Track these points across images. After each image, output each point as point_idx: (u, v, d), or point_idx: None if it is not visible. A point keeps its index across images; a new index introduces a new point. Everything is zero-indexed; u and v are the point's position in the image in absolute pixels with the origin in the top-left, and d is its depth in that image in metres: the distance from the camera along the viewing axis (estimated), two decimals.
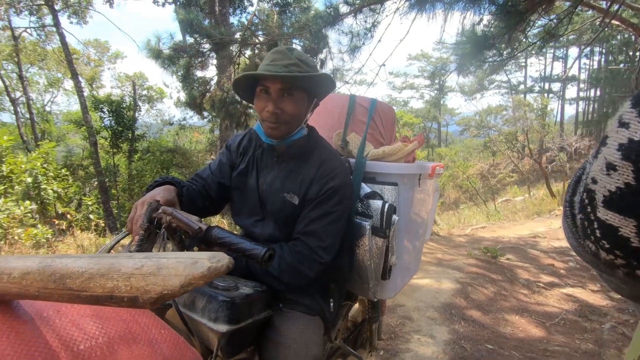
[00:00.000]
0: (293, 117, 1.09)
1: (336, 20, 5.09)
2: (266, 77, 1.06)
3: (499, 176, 22.10)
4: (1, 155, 5.80)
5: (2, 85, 14.50)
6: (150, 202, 0.87)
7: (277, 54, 1.08)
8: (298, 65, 1.05)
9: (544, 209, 11.41)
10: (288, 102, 1.07)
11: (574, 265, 4.95)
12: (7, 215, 4.90)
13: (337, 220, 1.11)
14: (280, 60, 1.06)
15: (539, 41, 4.22)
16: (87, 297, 0.36)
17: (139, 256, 0.36)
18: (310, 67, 1.08)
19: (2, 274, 0.40)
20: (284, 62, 1.05)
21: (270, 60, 1.07)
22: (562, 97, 27.11)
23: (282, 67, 1.04)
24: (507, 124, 18.23)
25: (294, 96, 1.08)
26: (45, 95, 19.74)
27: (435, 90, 33.82)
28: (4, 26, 12.51)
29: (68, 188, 7.84)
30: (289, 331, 1.10)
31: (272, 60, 1.07)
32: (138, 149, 11.20)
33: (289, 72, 1.04)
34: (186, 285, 0.33)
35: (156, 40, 5.92)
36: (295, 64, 1.05)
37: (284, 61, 1.05)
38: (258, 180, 1.20)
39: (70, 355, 0.43)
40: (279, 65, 1.05)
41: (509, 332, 2.91)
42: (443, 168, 1.71)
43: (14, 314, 0.44)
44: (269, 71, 1.04)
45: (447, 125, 36.45)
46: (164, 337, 0.54)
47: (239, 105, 6.96)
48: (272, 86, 1.07)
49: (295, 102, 1.09)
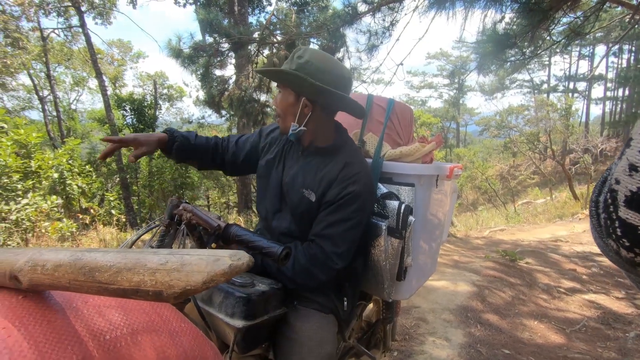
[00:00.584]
0: (280, 111, 1.17)
1: (354, 19, 5.08)
2: None
3: (519, 178, 21.56)
4: (30, 152, 6.05)
5: (32, 84, 15.09)
6: (172, 199, 0.89)
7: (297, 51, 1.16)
8: (287, 63, 1.13)
9: (567, 212, 11.07)
10: (278, 97, 1.18)
11: (597, 270, 4.79)
12: (35, 209, 5.11)
13: (355, 227, 1.11)
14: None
15: (563, 39, 4.09)
16: (115, 290, 0.38)
17: (163, 252, 0.38)
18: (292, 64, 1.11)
19: (36, 266, 0.43)
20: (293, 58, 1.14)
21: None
22: (587, 97, 26.18)
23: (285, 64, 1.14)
24: (528, 124, 17.75)
25: (281, 94, 1.16)
26: (71, 93, 20.45)
27: (454, 90, 33.25)
28: (34, 27, 13.01)
29: (91, 184, 8.10)
30: (304, 328, 1.11)
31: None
32: None
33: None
34: (208, 282, 0.34)
35: (177, 40, 6.04)
36: (288, 60, 1.14)
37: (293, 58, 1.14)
38: (283, 173, 1.23)
39: (97, 344, 0.45)
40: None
41: (526, 338, 2.85)
42: (461, 169, 1.68)
43: (45, 304, 0.47)
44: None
45: (466, 125, 35.79)
46: (184, 330, 0.56)
47: (256, 103, 7.03)
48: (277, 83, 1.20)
49: (281, 98, 1.17)
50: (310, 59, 1.10)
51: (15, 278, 0.44)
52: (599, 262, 5.09)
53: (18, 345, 0.40)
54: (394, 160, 1.38)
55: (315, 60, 1.10)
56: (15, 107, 15.76)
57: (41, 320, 0.44)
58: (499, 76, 17.74)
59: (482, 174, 17.10)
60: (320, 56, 1.12)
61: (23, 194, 5.41)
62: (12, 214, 4.85)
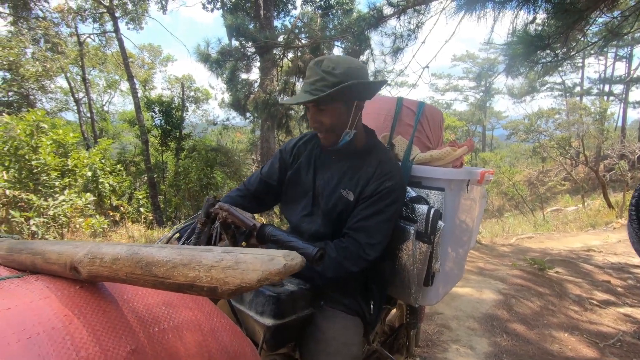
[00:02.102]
0: (334, 126, 1.16)
1: (379, 22, 5.06)
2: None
3: (548, 184, 20.74)
4: (67, 151, 6.38)
5: (68, 87, 15.88)
6: (208, 198, 0.93)
7: (309, 70, 1.16)
8: (324, 80, 1.10)
9: (600, 221, 10.55)
10: (324, 115, 1.15)
11: (634, 283, 4.54)
12: (70, 205, 5.37)
13: (389, 220, 1.14)
14: (309, 78, 1.13)
15: (600, 40, 3.93)
16: (170, 284, 0.40)
17: (217, 250, 0.40)
18: (335, 77, 1.09)
19: (95, 258, 0.46)
20: (312, 79, 1.12)
21: (305, 78, 1.16)
22: (624, 100, 24.88)
23: (310, 85, 1.11)
24: (559, 128, 17.07)
25: (328, 110, 1.14)
26: (104, 96, 21.38)
27: (480, 92, 32.45)
28: (71, 33, 13.72)
29: (122, 182, 8.44)
30: (330, 329, 1.12)
31: (306, 78, 1.16)
32: (184, 147, 11.80)
33: (316, 90, 1.10)
34: (263, 280, 0.36)
35: (205, 45, 6.22)
36: (320, 79, 1.10)
37: (311, 78, 1.12)
38: (315, 177, 1.26)
39: (147, 335, 0.48)
40: (307, 83, 1.13)
41: (556, 350, 2.74)
42: (492, 174, 1.65)
43: (100, 294, 0.50)
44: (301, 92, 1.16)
45: (493, 129, 34.83)
46: (225, 327, 0.58)
47: (280, 107, 7.12)
48: (308, 104, 1.16)
49: (330, 114, 1.15)
50: (343, 64, 1.12)
51: (75, 269, 0.48)
52: (636, 274, 4.82)
53: (79, 332, 0.43)
54: (423, 163, 1.38)
55: (346, 64, 1.12)
56: (53, 109, 16.60)
57: (97, 310, 0.47)
58: (528, 79, 17.16)
59: (509, 179, 16.56)
60: (343, 58, 1.15)
61: (60, 190, 5.71)
62: (50, 210, 5.11)
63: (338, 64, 1.11)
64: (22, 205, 5.07)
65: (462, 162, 1.43)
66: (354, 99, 1.17)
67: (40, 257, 0.55)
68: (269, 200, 1.39)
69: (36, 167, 5.55)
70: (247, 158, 15.05)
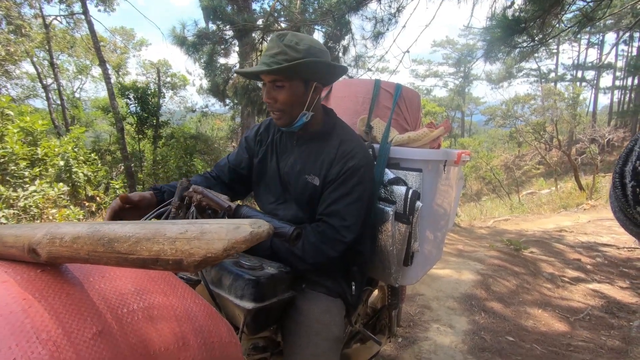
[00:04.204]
0: (288, 105, 1.11)
1: (360, 5, 5.00)
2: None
3: (524, 168, 21.42)
4: (36, 139, 6.08)
5: (35, 72, 15.08)
6: (182, 181, 0.90)
7: (270, 42, 1.11)
8: (284, 53, 1.05)
9: (572, 203, 11.00)
10: (279, 91, 1.10)
11: (602, 260, 4.78)
12: (42, 196, 5.16)
13: (358, 200, 1.12)
14: (270, 50, 1.08)
15: (574, 26, 4.01)
16: (134, 260, 0.38)
17: (182, 222, 0.38)
18: (298, 52, 1.05)
19: (54, 239, 0.43)
20: (272, 51, 1.07)
21: (265, 51, 1.11)
22: (596, 86, 25.79)
23: (270, 58, 1.06)
24: (535, 113, 17.53)
25: (285, 86, 1.09)
26: (75, 82, 20.44)
27: (459, 78, 32.85)
28: (36, 14, 12.95)
29: (97, 172, 8.16)
30: (311, 311, 1.12)
31: (265, 50, 1.10)
32: (162, 135, 11.48)
33: (274, 63, 1.05)
34: (229, 249, 0.34)
35: (181, 27, 6.00)
36: (281, 52, 1.05)
37: (272, 50, 1.07)
38: (279, 164, 1.23)
39: (114, 317, 0.46)
40: (267, 55, 1.08)
41: (530, 325, 2.87)
42: (469, 155, 1.67)
43: (63, 277, 0.48)
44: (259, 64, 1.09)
45: (472, 115, 35.47)
46: (199, 308, 0.57)
47: (260, 92, 6.99)
48: (265, 78, 1.11)
49: (286, 91, 1.10)
50: (307, 42, 1.08)
51: (33, 251, 0.45)
52: (604, 252, 5.08)
53: (39, 315, 0.40)
54: (401, 145, 1.38)
55: (310, 42, 1.09)
56: (19, 95, 15.79)
57: (60, 293, 0.44)
58: (506, 64, 17.44)
59: (486, 164, 16.98)
60: (307, 36, 1.11)
61: (30, 181, 5.46)
62: (20, 201, 4.90)
63: (302, 40, 1.07)
64: None
65: (439, 144, 1.44)
66: (314, 80, 1.12)
67: None
68: (240, 189, 1.36)
69: (2, 157, 5.28)
70: (227, 145, 14.80)
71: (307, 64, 1.05)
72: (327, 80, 1.18)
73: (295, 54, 1.05)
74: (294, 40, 1.06)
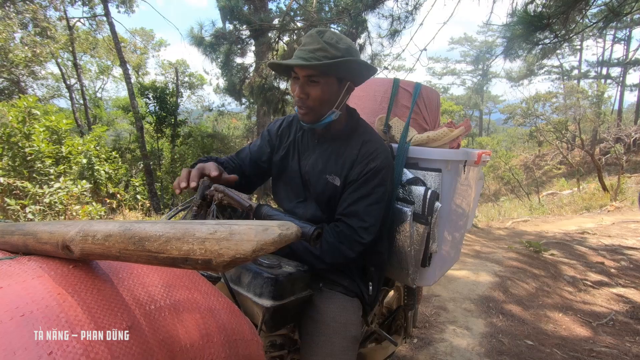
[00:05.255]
0: (319, 102, 1.11)
1: (377, 3, 4.96)
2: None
3: (544, 168, 20.84)
4: (61, 138, 6.30)
5: (59, 73, 15.59)
6: (203, 180, 0.91)
7: (308, 37, 1.10)
8: (324, 50, 1.05)
9: (595, 204, 10.66)
10: (313, 87, 1.09)
11: (627, 264, 4.61)
12: (66, 192, 5.34)
13: (378, 201, 1.12)
14: (308, 45, 1.07)
15: (599, 21, 3.87)
16: (164, 259, 0.39)
17: (211, 222, 0.39)
18: (338, 51, 1.06)
19: (87, 236, 0.45)
20: (311, 47, 1.06)
21: (302, 45, 1.09)
22: (622, 83, 24.81)
23: (308, 53, 1.05)
24: (556, 112, 17.03)
25: (320, 82, 1.09)
26: (97, 82, 21.03)
27: (478, 76, 32.21)
28: (60, 16, 13.37)
29: (117, 170, 8.37)
30: (329, 310, 1.13)
31: (302, 45, 1.09)
32: (180, 133, 11.71)
33: (314, 59, 1.04)
34: (258, 250, 0.35)
35: (198, 27, 6.09)
36: (321, 48, 1.05)
37: (311, 46, 1.06)
38: (300, 163, 1.23)
39: (143, 313, 0.48)
40: (305, 50, 1.06)
41: (550, 330, 2.79)
42: (489, 155, 1.64)
43: (94, 273, 0.49)
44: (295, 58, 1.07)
45: (490, 113, 34.77)
46: (222, 305, 0.58)
47: (276, 91, 7.03)
48: (299, 72, 1.09)
49: (321, 88, 1.09)
50: (346, 41, 1.09)
51: (67, 248, 0.47)
52: (629, 256, 4.90)
53: (73, 309, 0.42)
54: (420, 145, 1.36)
55: (348, 41, 1.10)
56: (45, 95, 16.34)
57: (92, 288, 0.46)
58: (527, 61, 16.99)
59: (505, 163, 16.62)
60: (344, 36, 1.12)
61: (55, 178, 5.66)
62: (46, 197, 5.08)
63: (341, 39, 1.08)
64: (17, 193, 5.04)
65: (459, 144, 1.42)
66: (348, 79, 1.14)
67: (32, 238, 0.53)
68: (256, 181, 1.36)
69: (30, 155, 5.48)
70: (243, 144, 14.96)
71: (347, 62, 1.06)
72: (359, 81, 1.18)
73: (336, 52, 1.06)
74: (334, 38, 1.07)
